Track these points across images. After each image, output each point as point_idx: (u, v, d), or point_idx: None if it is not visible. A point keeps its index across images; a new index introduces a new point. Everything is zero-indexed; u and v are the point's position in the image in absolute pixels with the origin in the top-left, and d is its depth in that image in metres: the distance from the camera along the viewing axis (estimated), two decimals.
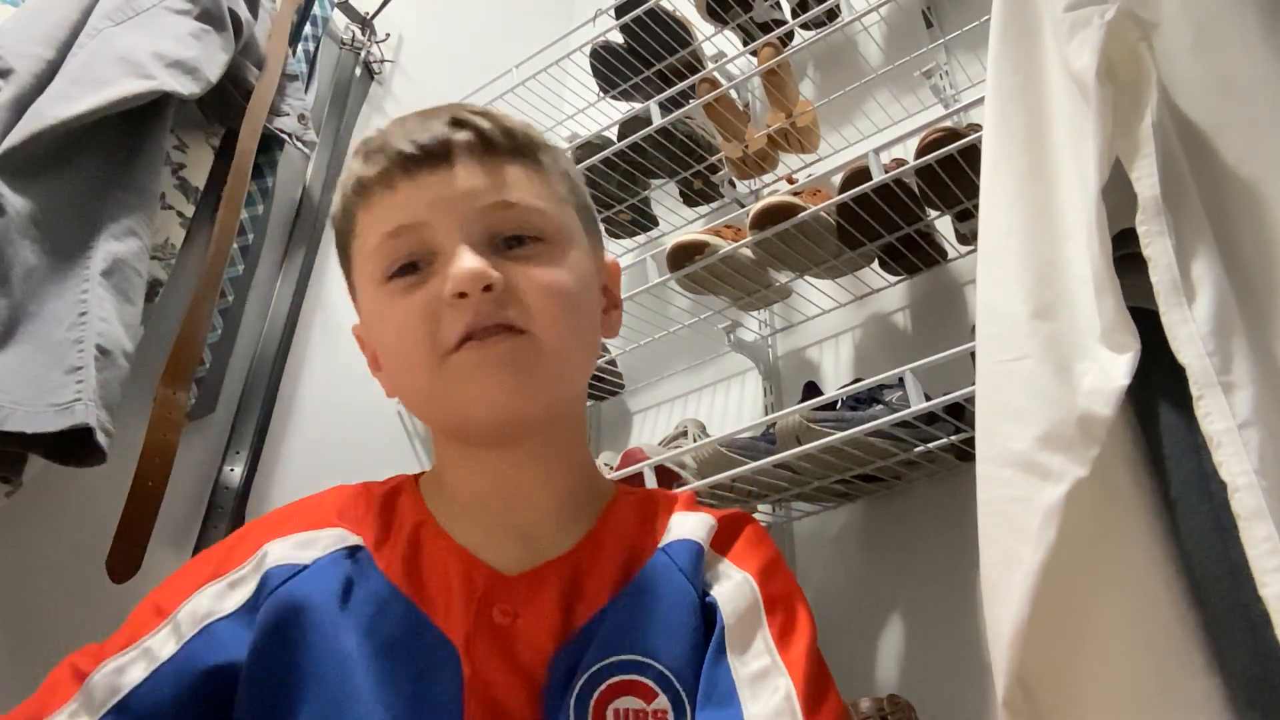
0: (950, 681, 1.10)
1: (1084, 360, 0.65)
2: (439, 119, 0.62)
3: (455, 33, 1.94)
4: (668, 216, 1.71)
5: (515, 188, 0.62)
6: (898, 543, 1.24)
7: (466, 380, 0.58)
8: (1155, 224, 0.66)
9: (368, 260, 0.62)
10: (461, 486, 0.66)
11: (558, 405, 0.65)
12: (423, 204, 0.60)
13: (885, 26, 1.58)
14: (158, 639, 0.56)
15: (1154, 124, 0.69)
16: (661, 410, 1.61)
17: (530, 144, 0.65)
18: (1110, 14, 0.72)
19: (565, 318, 0.61)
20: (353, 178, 0.64)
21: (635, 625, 0.59)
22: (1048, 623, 0.63)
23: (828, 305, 1.43)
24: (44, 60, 0.98)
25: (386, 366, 0.66)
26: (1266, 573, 0.54)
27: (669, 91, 1.49)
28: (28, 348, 0.86)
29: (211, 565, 0.61)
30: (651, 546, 0.65)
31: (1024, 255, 0.72)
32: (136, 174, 1.02)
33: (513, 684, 0.56)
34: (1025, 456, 0.65)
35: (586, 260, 0.66)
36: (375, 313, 0.64)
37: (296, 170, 1.45)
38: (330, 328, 1.43)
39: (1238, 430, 0.58)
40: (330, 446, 1.35)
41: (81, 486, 0.99)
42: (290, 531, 0.62)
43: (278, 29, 1.32)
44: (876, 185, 1.12)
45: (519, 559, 0.62)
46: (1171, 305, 0.63)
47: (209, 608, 0.58)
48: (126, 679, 0.54)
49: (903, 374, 1.01)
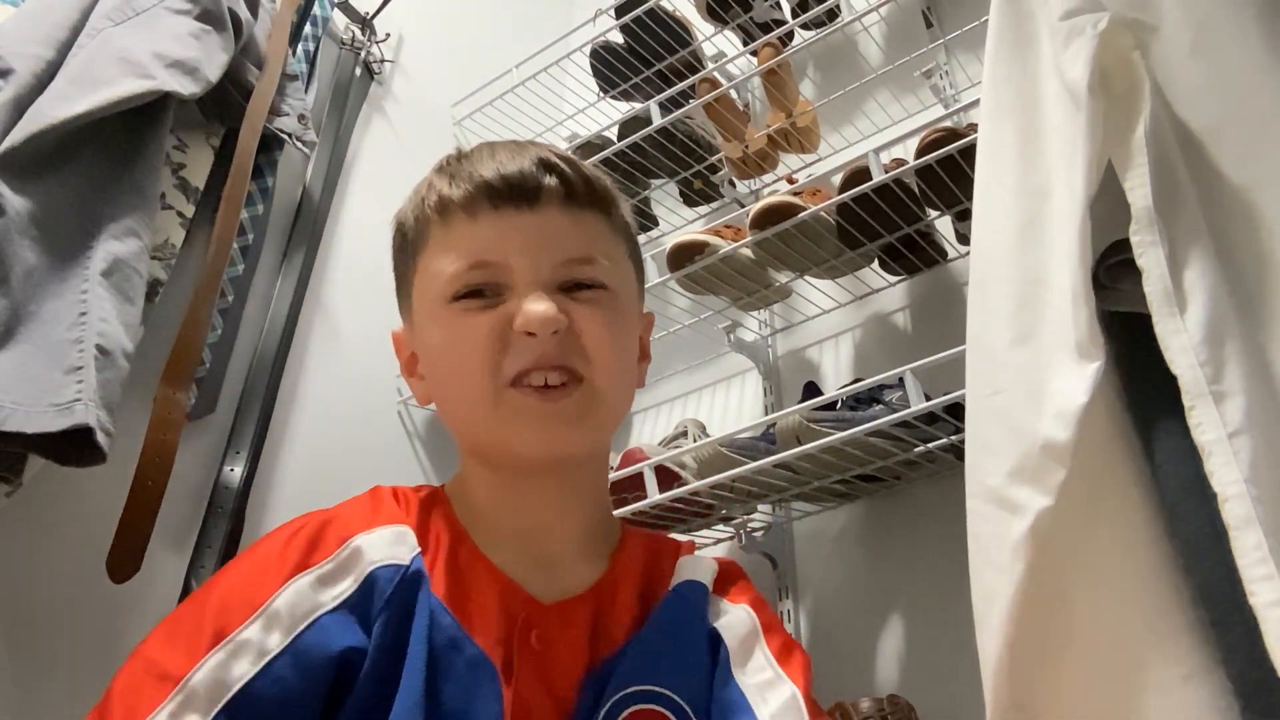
0: (950, 681, 1.10)
1: (1056, 380, 0.66)
2: (527, 157, 0.65)
3: (455, 33, 1.93)
4: (668, 216, 1.71)
5: (593, 242, 0.65)
6: (898, 543, 1.24)
7: (524, 421, 0.61)
8: (1148, 234, 0.67)
9: (438, 279, 0.64)
10: (489, 508, 0.67)
11: (596, 444, 0.69)
12: (507, 244, 0.62)
13: (885, 26, 1.58)
14: (254, 631, 0.54)
15: (1146, 134, 0.69)
16: (661, 410, 1.61)
17: (608, 197, 0.68)
18: (1103, 24, 0.72)
19: (617, 366, 0.65)
20: (435, 193, 0.65)
21: (655, 658, 0.63)
22: (1041, 635, 0.65)
23: (828, 305, 1.43)
24: (44, 60, 0.98)
25: (434, 378, 0.68)
26: (1255, 581, 0.55)
27: (669, 91, 1.50)
28: (28, 348, 0.86)
29: (289, 559, 0.58)
30: (663, 585, 0.70)
31: (1009, 280, 0.73)
32: (136, 174, 1.02)
33: (547, 707, 0.59)
34: (998, 491, 0.68)
35: (636, 311, 0.71)
36: (435, 328, 0.65)
37: (296, 170, 1.44)
38: (330, 328, 1.43)
39: (1228, 440, 0.58)
40: (330, 446, 1.35)
41: (81, 486, 0.99)
42: (371, 525, 0.61)
43: (278, 29, 1.31)
44: (876, 185, 1.12)
45: (546, 586, 0.65)
46: (1164, 315, 0.64)
47: (311, 599, 0.56)
48: (234, 673, 0.52)
49: (903, 374, 1.01)
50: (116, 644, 1.01)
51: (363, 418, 1.42)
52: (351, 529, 0.61)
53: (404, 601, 0.58)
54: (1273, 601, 0.54)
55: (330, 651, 0.54)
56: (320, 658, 0.54)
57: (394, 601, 0.57)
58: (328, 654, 0.54)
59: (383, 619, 0.56)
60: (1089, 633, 0.67)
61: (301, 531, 0.60)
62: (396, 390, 1.48)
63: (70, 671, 0.96)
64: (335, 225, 1.49)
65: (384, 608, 0.57)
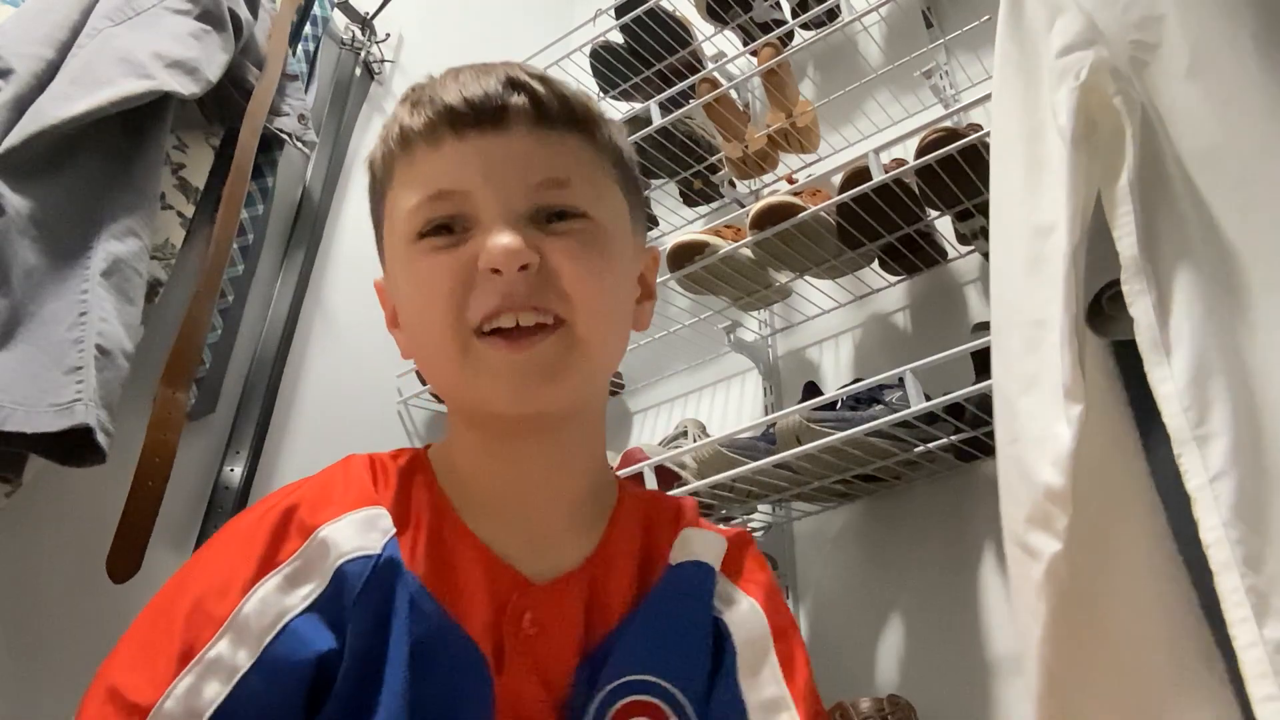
0: (950, 681, 1.10)
1: (1055, 425, 0.68)
2: (493, 76, 0.58)
3: (455, 33, 1.94)
4: (668, 216, 1.71)
5: (568, 164, 0.58)
6: (898, 543, 1.24)
7: (493, 374, 0.55)
8: (1136, 283, 0.68)
9: (402, 216, 0.58)
10: (473, 474, 0.62)
11: (585, 400, 0.62)
12: (469, 170, 0.56)
13: (885, 26, 1.58)
14: (222, 647, 0.50)
15: (1130, 182, 0.70)
16: (661, 410, 1.61)
17: (589, 116, 0.61)
18: (1084, 74, 0.73)
19: (603, 308, 0.58)
20: (396, 125, 0.60)
21: (652, 646, 0.59)
22: (1074, 665, 0.68)
23: (828, 305, 1.43)
24: (44, 60, 0.98)
25: (407, 326, 0.62)
26: (1234, 625, 0.57)
27: (669, 91, 1.50)
28: (28, 348, 0.86)
29: (253, 557, 0.54)
30: (662, 558, 0.64)
31: (1018, 325, 0.74)
32: (136, 174, 1.02)
33: (539, 696, 0.55)
34: (1021, 538, 0.70)
35: (629, 246, 0.63)
36: (402, 268, 0.60)
37: (296, 170, 1.45)
38: (330, 328, 1.43)
39: (1209, 485, 0.60)
40: (330, 446, 1.34)
41: (81, 486, 0.99)
42: (339, 511, 0.56)
43: (278, 29, 1.32)
44: (876, 185, 1.12)
45: (537, 562, 0.60)
46: (1153, 363, 0.65)
47: (277, 604, 0.52)
48: (205, 698, 0.48)
49: (903, 374, 1.01)
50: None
51: (363, 418, 1.43)
52: (318, 516, 0.55)
53: (378, 596, 0.54)
54: (1250, 643, 0.56)
55: (303, 659, 0.51)
56: (293, 667, 0.50)
57: (366, 598, 0.53)
58: (300, 662, 0.51)
59: (356, 618, 0.53)
60: (1116, 661, 0.69)
61: (264, 523, 0.55)
62: (397, 390, 1.48)
63: (70, 671, 0.95)
64: (335, 225, 1.49)
65: (355, 604, 0.53)
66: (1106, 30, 0.74)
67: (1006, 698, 1.07)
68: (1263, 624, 0.55)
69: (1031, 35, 0.80)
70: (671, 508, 0.70)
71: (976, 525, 1.15)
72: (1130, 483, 0.74)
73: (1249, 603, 0.56)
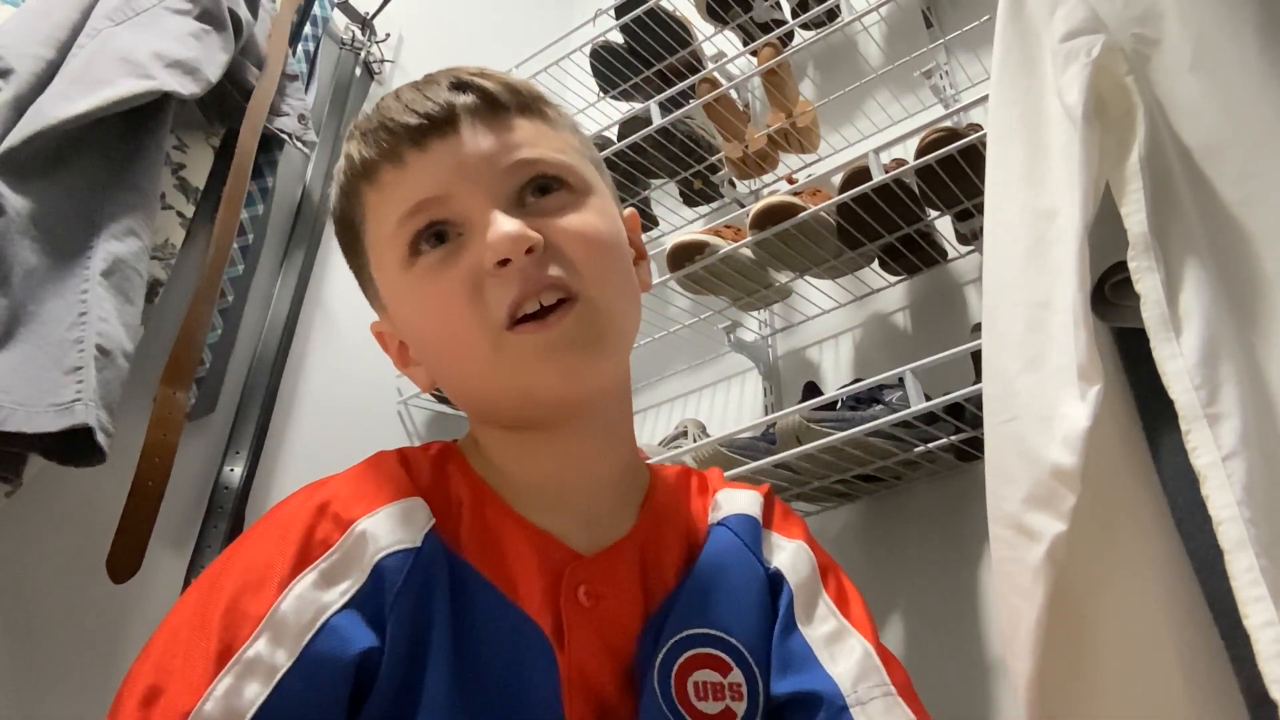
0: (950, 681, 1.10)
1: (1063, 405, 0.67)
2: (438, 84, 0.59)
3: (455, 33, 1.94)
4: (668, 216, 1.71)
5: (531, 143, 0.59)
6: (898, 543, 1.24)
7: (531, 362, 0.55)
8: (1144, 260, 0.67)
9: (387, 245, 0.59)
10: (514, 468, 0.62)
11: (618, 370, 0.63)
12: (441, 175, 0.57)
13: (885, 26, 1.58)
14: (260, 646, 0.49)
15: (1141, 159, 0.69)
16: (661, 410, 1.61)
17: (535, 99, 0.63)
18: (1096, 50, 0.72)
19: (609, 269, 0.59)
20: (354, 162, 0.60)
21: (709, 600, 0.60)
22: (1067, 652, 0.66)
23: (828, 305, 1.43)
24: (44, 60, 0.98)
25: (427, 356, 0.62)
26: (1248, 603, 0.55)
27: (669, 91, 1.50)
28: (28, 348, 0.86)
29: (289, 553, 0.52)
30: (702, 522, 0.66)
31: (1018, 304, 0.74)
32: (136, 174, 1.02)
33: (605, 667, 0.55)
34: (1016, 518, 0.68)
35: (613, 209, 0.64)
36: (406, 299, 0.59)
37: (296, 170, 1.45)
38: (330, 328, 1.43)
39: (1222, 463, 0.59)
40: (330, 446, 1.35)
41: (81, 486, 0.99)
42: (375, 504, 0.55)
43: (278, 29, 1.32)
44: (876, 185, 1.12)
45: (585, 537, 0.60)
46: (1161, 340, 0.64)
47: (315, 601, 0.50)
48: (245, 698, 0.47)
49: (903, 374, 1.01)
50: (116, 644, 1.01)
51: (363, 418, 1.43)
52: (354, 511, 0.54)
53: (421, 589, 0.53)
54: (1265, 623, 0.54)
55: (344, 657, 0.49)
56: (333, 666, 0.49)
57: (406, 592, 0.52)
58: (342, 660, 0.49)
59: (396, 614, 0.51)
60: (1112, 649, 0.68)
61: (299, 517, 0.54)
62: (397, 390, 1.48)
63: (70, 671, 0.96)
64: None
65: (396, 599, 0.52)
66: (1109, 22, 0.75)
67: (1006, 698, 1.07)
68: (1279, 602, 0.54)
69: (1033, 25, 0.80)
70: (699, 476, 0.72)
71: (976, 525, 1.15)
72: (1132, 466, 0.74)
73: (1264, 581, 0.55)
